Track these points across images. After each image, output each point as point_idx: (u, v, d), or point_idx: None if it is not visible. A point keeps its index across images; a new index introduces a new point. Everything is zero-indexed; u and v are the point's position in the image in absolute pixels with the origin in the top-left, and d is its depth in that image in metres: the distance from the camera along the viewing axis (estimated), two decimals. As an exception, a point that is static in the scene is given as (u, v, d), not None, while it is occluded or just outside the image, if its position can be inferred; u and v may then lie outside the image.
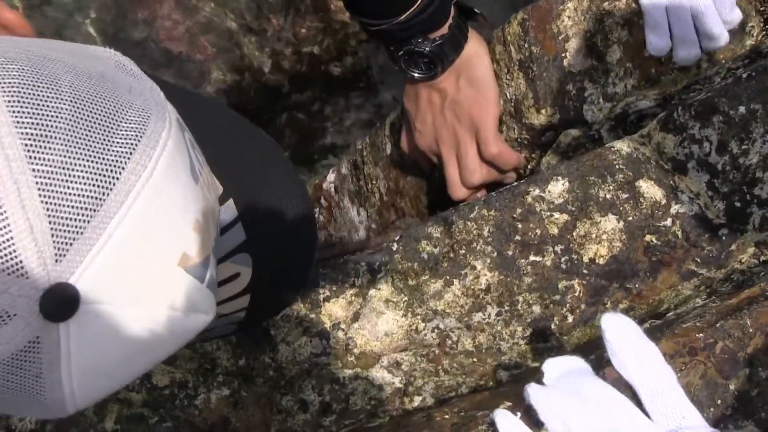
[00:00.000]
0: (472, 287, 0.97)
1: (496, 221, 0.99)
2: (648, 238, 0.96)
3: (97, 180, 0.60)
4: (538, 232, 0.98)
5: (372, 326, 0.97)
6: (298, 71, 1.89)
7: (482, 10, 1.20)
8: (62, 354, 0.61)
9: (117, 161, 0.61)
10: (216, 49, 1.93)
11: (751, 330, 0.77)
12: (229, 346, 0.97)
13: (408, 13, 1.09)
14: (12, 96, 0.59)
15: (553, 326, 0.97)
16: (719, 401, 0.75)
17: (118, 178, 0.61)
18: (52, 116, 0.60)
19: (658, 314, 0.93)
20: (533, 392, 0.76)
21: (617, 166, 0.99)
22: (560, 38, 1.12)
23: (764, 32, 1.09)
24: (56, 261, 0.59)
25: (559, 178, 1.00)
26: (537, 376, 0.79)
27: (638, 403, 0.75)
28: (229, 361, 0.97)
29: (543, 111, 1.14)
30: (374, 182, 1.41)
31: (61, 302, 0.60)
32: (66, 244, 0.59)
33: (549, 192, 0.99)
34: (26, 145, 0.59)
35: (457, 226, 0.99)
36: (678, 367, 0.77)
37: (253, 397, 0.96)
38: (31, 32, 0.87)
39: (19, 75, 0.61)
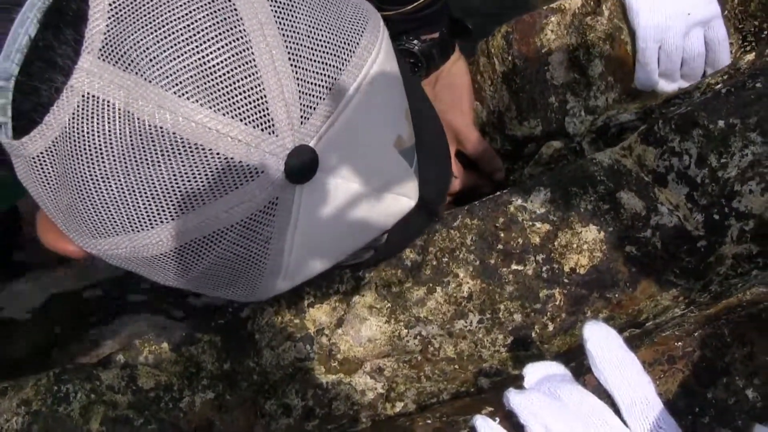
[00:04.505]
0: (455, 295, 0.98)
1: (479, 230, 1.00)
2: (628, 248, 0.97)
3: (337, 50, 0.63)
4: (520, 241, 0.99)
5: (355, 332, 0.98)
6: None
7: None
8: (292, 220, 0.64)
9: (351, 37, 0.65)
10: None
11: (728, 339, 0.78)
12: (214, 350, 0.98)
13: (416, 4, 1.11)
14: None
15: (533, 334, 0.97)
16: (697, 409, 0.76)
17: (354, 52, 0.64)
18: None
19: (638, 323, 0.94)
20: (513, 396, 0.77)
21: (598, 178, 1.00)
22: (543, 51, 1.13)
23: (742, 49, 1.11)
24: (301, 123, 0.61)
25: (542, 188, 1.01)
26: (517, 381, 0.80)
27: (617, 411, 0.76)
28: (214, 364, 0.97)
29: (525, 123, 1.16)
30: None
31: (303, 164, 0.62)
32: (311, 107, 0.62)
33: (531, 202, 1.00)
34: (275, 11, 0.61)
35: (441, 234, 1.00)
36: (657, 375, 0.78)
37: (237, 401, 0.97)
38: None
39: None
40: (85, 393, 0.95)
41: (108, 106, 0.59)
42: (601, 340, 0.79)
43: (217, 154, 0.59)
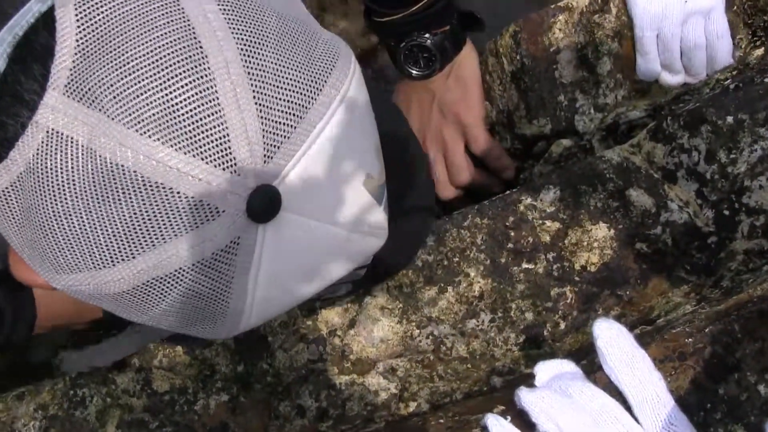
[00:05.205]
0: (466, 294, 0.99)
1: (489, 229, 1.00)
2: (638, 245, 0.98)
3: (303, 88, 0.63)
4: (531, 240, 0.99)
5: (368, 333, 0.98)
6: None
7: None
8: (254, 260, 0.63)
9: (319, 75, 0.64)
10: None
11: (739, 335, 0.78)
12: (228, 352, 0.98)
13: (420, 5, 1.11)
14: (226, 6, 0.62)
15: (545, 333, 0.98)
16: (708, 405, 0.76)
17: (321, 90, 0.64)
18: (261, 26, 0.63)
19: (649, 320, 0.94)
20: (524, 395, 0.77)
21: (608, 175, 1.00)
22: (552, 50, 1.13)
23: (751, 44, 1.11)
24: (265, 162, 0.61)
25: (551, 187, 1.01)
26: (529, 380, 0.80)
27: (628, 408, 0.76)
28: (228, 367, 0.98)
29: (535, 121, 1.16)
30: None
31: (266, 202, 0.62)
32: (274, 146, 0.61)
33: (541, 200, 1.00)
34: (241, 49, 0.61)
35: (451, 234, 1.01)
36: (668, 372, 0.78)
37: (251, 403, 0.97)
38: None
39: None
40: (101, 397, 0.96)
41: (72, 142, 0.59)
42: (612, 338, 0.79)
43: (178, 193, 0.59)
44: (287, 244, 0.64)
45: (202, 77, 0.59)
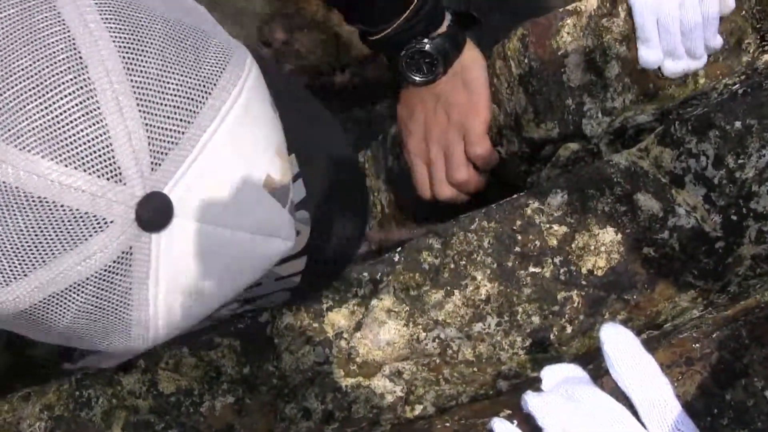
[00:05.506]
0: (473, 297, 0.99)
1: (496, 233, 1.00)
2: (646, 250, 0.98)
3: (190, 93, 0.62)
4: (538, 243, 0.99)
5: (374, 336, 0.98)
6: (302, 83, 1.91)
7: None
8: (151, 269, 0.62)
9: (208, 77, 0.64)
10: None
11: (746, 341, 0.78)
12: (234, 354, 0.98)
13: (408, 12, 1.11)
14: (108, 14, 0.61)
15: (552, 336, 0.98)
16: (715, 411, 0.76)
17: (210, 93, 0.63)
18: (145, 33, 0.62)
19: (656, 325, 0.94)
20: (531, 399, 0.77)
21: (615, 180, 1.00)
22: (560, 53, 1.13)
23: (760, 49, 1.11)
24: (152, 170, 0.60)
25: (558, 190, 1.01)
26: (535, 384, 0.80)
27: (635, 413, 0.76)
28: (234, 369, 0.98)
29: (543, 125, 1.16)
30: (376, 194, 1.42)
31: (156, 211, 0.61)
32: (162, 153, 0.61)
33: (548, 204, 1.00)
34: (123, 57, 0.61)
35: (458, 238, 1.01)
36: (675, 377, 0.78)
37: (257, 405, 0.97)
38: None
39: None
40: (106, 398, 0.96)
41: None
42: (619, 343, 0.79)
43: (62, 206, 0.58)
44: (185, 251, 0.64)
45: (81, 88, 0.59)
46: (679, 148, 0.98)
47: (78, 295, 0.62)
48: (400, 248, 1.02)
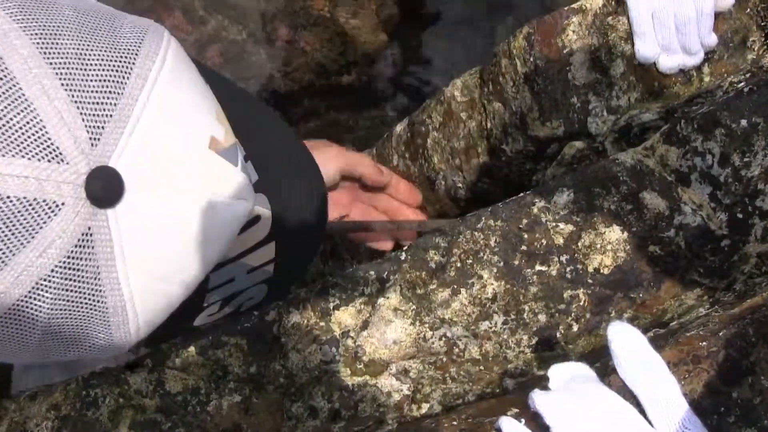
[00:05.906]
0: (479, 296, 0.99)
1: (503, 231, 1.00)
2: (652, 248, 0.98)
3: (113, 65, 0.63)
4: (544, 242, 0.99)
5: (381, 334, 0.98)
6: (308, 81, 1.91)
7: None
8: (116, 247, 0.62)
9: (128, 49, 0.64)
10: (224, 59, 1.94)
11: (753, 339, 0.78)
12: (241, 353, 0.99)
13: None
14: (13, 9, 0.62)
15: (558, 335, 0.98)
16: (722, 409, 0.77)
17: (134, 63, 0.64)
18: (57, 19, 0.63)
19: (662, 323, 0.95)
20: (538, 397, 0.77)
21: (621, 178, 1.00)
22: (565, 52, 1.13)
23: (765, 46, 1.11)
24: (92, 145, 0.60)
25: (564, 189, 1.01)
26: (542, 382, 0.81)
27: (642, 411, 0.76)
28: (241, 368, 0.98)
29: (548, 123, 1.16)
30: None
31: (105, 184, 0.61)
32: (98, 126, 0.61)
33: (554, 203, 1.01)
34: (38, 43, 0.61)
35: (464, 236, 1.01)
36: (681, 375, 0.78)
37: (264, 404, 0.98)
38: None
39: None
40: (113, 397, 0.96)
41: None
42: (626, 341, 0.79)
43: (8, 197, 0.58)
44: (146, 225, 0.63)
45: (1, 78, 0.59)
46: (685, 147, 0.98)
47: (47, 291, 0.61)
48: (406, 247, 1.02)
